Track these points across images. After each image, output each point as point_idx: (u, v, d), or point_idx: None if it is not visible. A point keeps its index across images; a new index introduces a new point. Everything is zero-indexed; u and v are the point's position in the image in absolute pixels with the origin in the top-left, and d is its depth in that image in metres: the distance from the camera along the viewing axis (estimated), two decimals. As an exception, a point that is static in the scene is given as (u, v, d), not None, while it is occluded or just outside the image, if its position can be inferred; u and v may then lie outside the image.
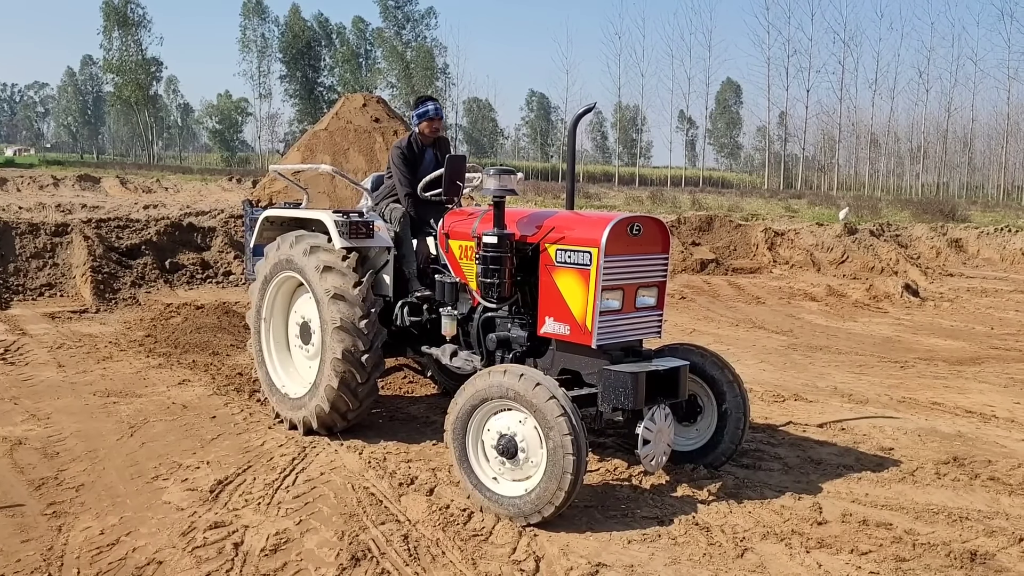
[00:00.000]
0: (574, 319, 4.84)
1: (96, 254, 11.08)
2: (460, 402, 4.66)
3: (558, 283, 4.93)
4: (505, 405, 4.51)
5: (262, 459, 5.51)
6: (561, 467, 4.23)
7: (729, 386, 5.23)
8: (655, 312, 5.14)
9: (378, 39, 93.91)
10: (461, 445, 4.67)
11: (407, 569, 4.05)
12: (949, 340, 10.48)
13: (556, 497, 4.28)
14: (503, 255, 5.08)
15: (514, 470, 4.54)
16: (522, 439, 4.46)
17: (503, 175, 5.02)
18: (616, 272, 4.82)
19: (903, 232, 20.45)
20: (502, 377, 4.47)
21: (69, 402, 6.59)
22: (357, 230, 5.71)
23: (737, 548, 4.33)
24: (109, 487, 4.99)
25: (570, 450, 4.20)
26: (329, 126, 12.20)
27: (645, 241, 4.98)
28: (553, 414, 4.24)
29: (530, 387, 4.34)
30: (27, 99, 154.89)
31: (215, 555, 4.16)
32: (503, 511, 4.50)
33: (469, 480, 4.65)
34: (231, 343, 8.69)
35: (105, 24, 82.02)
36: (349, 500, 4.85)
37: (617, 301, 4.87)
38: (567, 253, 4.88)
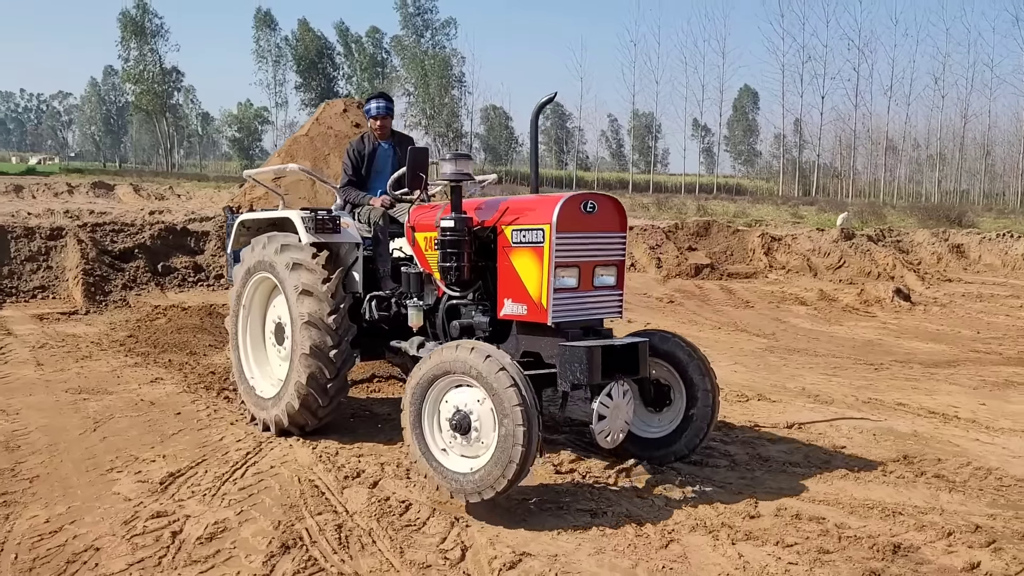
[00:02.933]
0: (530, 298, 4.84)
1: (89, 257, 11.30)
2: (424, 369, 4.64)
3: (515, 263, 4.93)
4: (467, 382, 4.49)
5: (217, 453, 5.65)
6: (509, 455, 4.22)
7: (704, 394, 5.21)
8: (615, 292, 5.12)
9: (397, 47, 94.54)
10: (416, 411, 4.65)
11: (334, 557, 4.16)
12: (931, 343, 10.48)
13: (498, 483, 4.28)
14: (461, 239, 5.09)
15: (464, 446, 4.53)
16: (477, 418, 4.44)
17: (459, 159, 5.08)
18: (570, 249, 4.82)
19: (904, 238, 20.37)
20: (468, 354, 4.43)
21: (41, 399, 6.77)
22: (323, 225, 5.81)
23: (663, 539, 4.40)
24: (63, 479, 5.13)
25: (520, 441, 4.18)
26: (310, 132, 12.20)
27: (600, 219, 4.98)
28: (511, 402, 4.21)
29: (493, 370, 4.29)
30: (51, 109, 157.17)
31: (152, 542, 4.28)
32: (444, 484, 4.51)
33: (418, 447, 4.63)
34: (209, 343, 8.86)
35: (123, 35, 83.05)
36: (293, 492, 4.96)
37: (573, 279, 4.86)
38: (522, 232, 4.89)
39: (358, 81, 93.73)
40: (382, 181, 6.48)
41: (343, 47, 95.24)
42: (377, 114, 6.60)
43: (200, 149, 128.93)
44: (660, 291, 14.27)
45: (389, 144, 6.72)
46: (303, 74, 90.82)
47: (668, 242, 17.68)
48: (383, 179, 6.48)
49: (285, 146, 12.88)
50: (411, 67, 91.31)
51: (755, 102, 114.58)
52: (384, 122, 6.62)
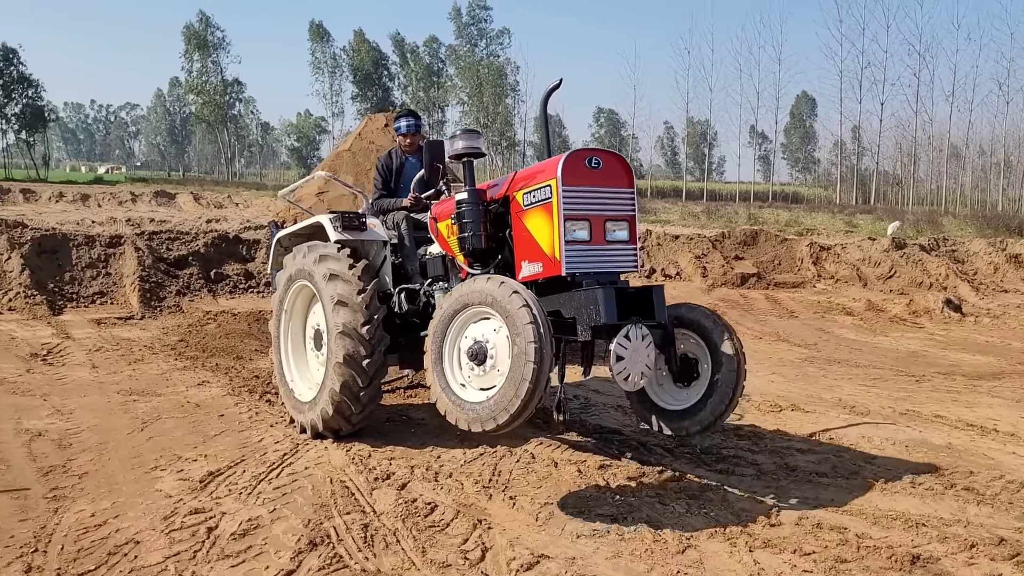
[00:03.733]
0: (544, 254, 4.93)
1: (145, 264, 11.74)
2: (444, 306, 4.72)
3: (528, 225, 5.04)
4: (484, 313, 4.56)
5: (256, 454, 5.87)
6: (521, 374, 4.21)
7: (728, 359, 5.20)
8: (628, 246, 5.14)
9: (451, 56, 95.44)
10: (438, 348, 4.71)
11: (358, 554, 4.32)
12: (978, 355, 10.29)
13: (511, 404, 4.26)
14: (475, 208, 5.25)
15: (481, 377, 4.57)
16: (493, 346, 4.50)
17: (468, 135, 5.24)
18: (577, 202, 4.89)
19: (960, 247, 19.92)
20: (484, 284, 4.51)
21: (93, 399, 7.09)
22: (349, 223, 6.10)
23: (680, 545, 4.47)
24: (109, 476, 5.40)
25: (532, 358, 4.18)
26: (353, 146, 12.42)
27: (607, 175, 5.05)
28: (523, 320, 4.24)
29: (506, 294, 4.36)
30: (119, 120, 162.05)
31: (188, 537, 4.49)
32: (463, 416, 4.51)
33: (438, 382, 4.68)
34: (255, 348, 9.15)
35: (186, 47, 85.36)
36: (324, 492, 5.15)
37: (584, 231, 4.92)
38: (531, 194, 5.00)
39: (413, 91, 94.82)
40: (407, 193, 6.68)
41: (399, 57, 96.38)
42: (408, 131, 6.94)
43: (260, 159, 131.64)
44: (704, 300, 14.22)
45: (416, 159, 6.96)
46: (359, 84, 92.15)
47: (714, 251, 17.60)
48: (408, 191, 6.67)
49: (329, 160, 13.01)
50: (466, 76, 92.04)
51: (812, 109, 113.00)
52: (414, 139, 6.94)
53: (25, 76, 74.44)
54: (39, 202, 34.43)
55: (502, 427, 4.36)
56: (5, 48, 73.18)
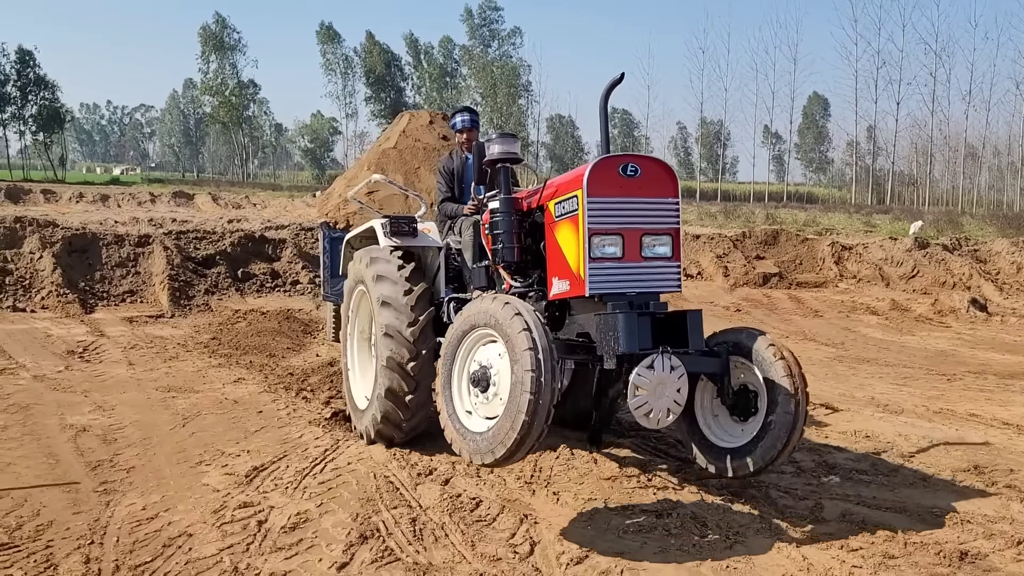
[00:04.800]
0: (571, 271, 4.56)
1: (174, 263, 11.85)
2: (454, 326, 4.44)
3: (558, 238, 4.69)
4: (490, 335, 4.23)
5: (298, 449, 5.93)
6: (517, 405, 3.86)
7: (785, 398, 4.58)
8: (670, 263, 4.68)
9: (465, 57, 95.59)
10: (447, 371, 4.44)
11: (409, 548, 4.37)
12: (1007, 355, 10.27)
13: (507, 438, 3.91)
14: (508, 217, 4.91)
15: (485, 405, 4.26)
16: (496, 372, 4.18)
17: (505, 139, 4.92)
18: (606, 214, 4.48)
19: (982, 247, 19.83)
20: (490, 304, 4.21)
21: (133, 396, 7.18)
22: (398, 228, 5.89)
23: (727, 541, 4.50)
24: (156, 470, 5.48)
25: (528, 387, 3.81)
26: (398, 144, 12.04)
27: (645, 183, 4.60)
28: (521, 346, 3.88)
29: (508, 315, 4.00)
30: (134, 121, 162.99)
31: (240, 530, 4.55)
32: (465, 446, 4.24)
33: (446, 408, 4.42)
34: (287, 346, 9.23)
35: (203, 49, 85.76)
36: (369, 487, 5.20)
37: (616, 247, 4.51)
38: (562, 204, 4.64)
39: (427, 92, 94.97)
40: (471, 194, 6.34)
41: (413, 58, 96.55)
42: (463, 127, 6.57)
43: (274, 160, 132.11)
44: (727, 300, 14.25)
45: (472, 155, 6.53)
46: (372, 86, 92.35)
47: (735, 251, 17.60)
48: (471, 191, 6.36)
49: (373, 158, 12.37)
50: (479, 77, 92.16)
51: (825, 109, 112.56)
52: (470, 135, 6.56)
53: (41, 77, 74.98)
54: (60, 202, 34.70)
55: (500, 462, 4.05)
56: (21, 50, 73.75)
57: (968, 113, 79.15)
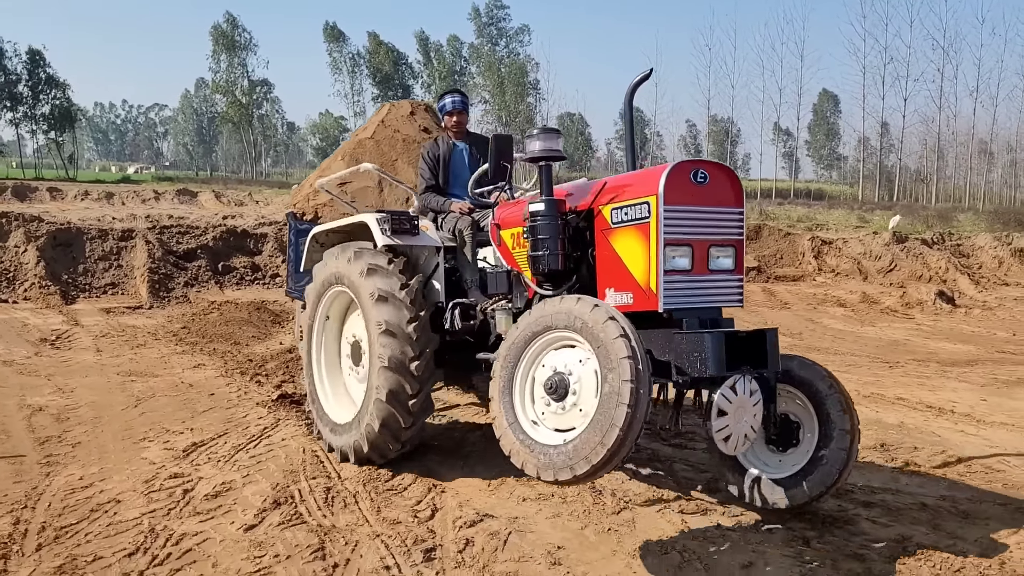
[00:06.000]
0: (637, 284, 4.26)
1: (155, 257, 12.24)
2: (521, 327, 4.05)
3: (616, 247, 4.38)
4: (569, 339, 3.90)
5: (239, 428, 6.27)
6: (610, 418, 3.48)
7: (841, 435, 4.44)
8: (733, 277, 4.45)
9: (473, 55, 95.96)
10: (509, 376, 4.05)
11: (318, 513, 4.70)
12: (959, 344, 10.50)
13: (594, 453, 3.52)
14: (552, 223, 4.54)
15: (558, 416, 3.89)
16: (577, 380, 3.81)
17: (547, 135, 4.54)
18: (680, 224, 4.21)
19: (965, 241, 20.03)
20: (573, 304, 3.82)
21: (94, 380, 7.55)
22: (400, 225, 5.33)
23: (617, 507, 4.82)
24: (101, 445, 5.83)
25: (626, 400, 3.46)
26: (375, 134, 11.38)
27: (713, 192, 4.33)
28: (618, 354, 3.53)
29: (600, 319, 3.66)
30: (148, 120, 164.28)
31: (165, 497, 4.89)
32: (532, 460, 3.80)
33: (505, 416, 4.00)
34: (253, 335, 9.59)
35: (214, 48, 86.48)
36: (295, 460, 5.54)
37: (686, 259, 4.25)
38: (623, 211, 4.33)
39: (437, 90, 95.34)
40: (460, 184, 6.14)
41: (423, 56, 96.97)
42: (453, 108, 6.15)
43: (286, 158, 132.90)
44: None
45: (465, 145, 6.28)
46: (379, 85, 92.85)
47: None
48: (461, 182, 6.12)
49: (348, 149, 11.73)
50: (487, 75, 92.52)
51: (836, 105, 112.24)
52: (460, 118, 6.17)
53: (52, 77, 75.92)
54: (65, 200, 35.34)
55: (580, 479, 3.63)
56: (32, 51, 74.67)
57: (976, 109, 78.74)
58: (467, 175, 6.00)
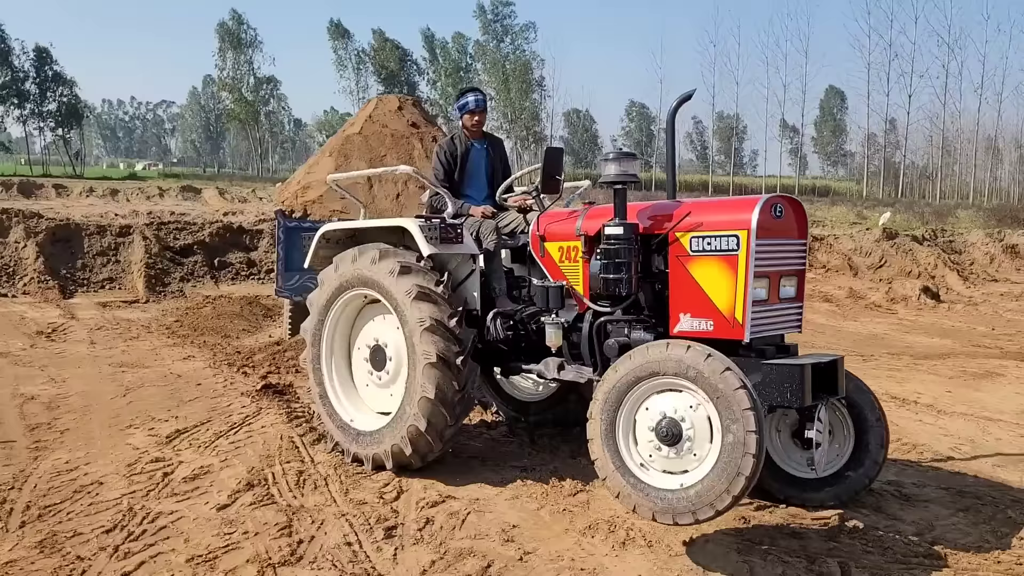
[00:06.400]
0: (719, 313, 4.36)
1: (152, 252, 12.53)
2: (621, 371, 4.12)
3: (695, 275, 4.46)
4: (675, 385, 3.99)
5: (222, 416, 6.53)
6: (737, 467, 3.68)
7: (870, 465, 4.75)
8: (796, 304, 4.67)
9: (479, 52, 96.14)
10: (610, 420, 4.12)
11: (288, 494, 4.95)
12: (936, 338, 10.71)
13: (720, 500, 3.72)
14: (629, 247, 4.59)
15: (669, 460, 4.00)
16: (690, 426, 3.92)
17: (624, 159, 4.59)
18: (765, 257, 4.38)
19: (958, 238, 20.19)
20: (683, 353, 3.92)
21: (86, 370, 7.82)
22: (447, 234, 5.23)
23: (575, 490, 5.06)
24: (88, 432, 6.09)
25: (752, 450, 3.66)
26: (363, 130, 11.43)
27: (787, 225, 4.55)
28: (741, 405, 3.71)
29: (718, 370, 3.80)
30: (156, 117, 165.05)
31: (145, 480, 5.15)
32: (647, 503, 3.94)
33: (611, 461, 4.09)
34: (244, 328, 9.87)
35: (220, 45, 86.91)
36: (273, 446, 5.79)
37: (764, 290, 4.41)
38: (706, 240, 4.42)
39: (442, 87, 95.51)
40: (476, 185, 6.08)
41: (428, 52, 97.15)
42: (476, 108, 6.02)
43: (293, 154, 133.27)
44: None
45: (482, 144, 6.15)
46: (384, 82, 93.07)
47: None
48: (476, 183, 6.09)
49: (337, 144, 11.64)
50: (492, 72, 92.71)
51: (842, 102, 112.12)
52: (481, 117, 6.06)
53: (59, 74, 76.47)
54: (71, 197, 35.74)
55: (702, 522, 3.86)
56: (39, 48, 75.26)
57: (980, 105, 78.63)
58: (483, 175, 6.09)
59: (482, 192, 6.06)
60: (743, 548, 4.28)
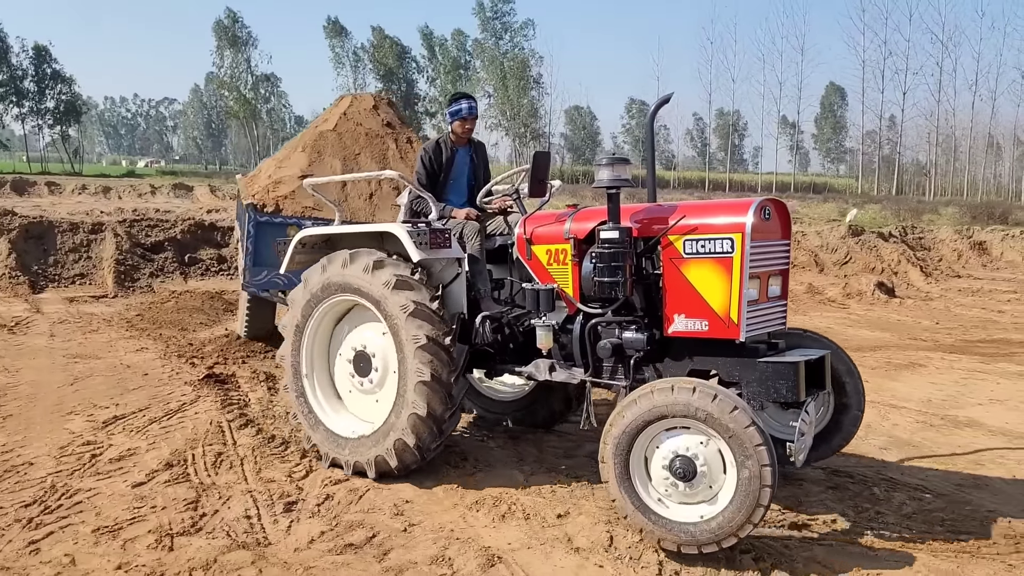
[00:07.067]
0: (714, 313, 4.48)
1: (122, 249, 12.88)
2: (629, 416, 4.21)
3: (689, 277, 4.56)
4: (683, 424, 4.14)
5: (161, 403, 6.87)
6: (755, 499, 3.90)
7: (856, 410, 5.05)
8: (780, 302, 4.82)
9: (477, 50, 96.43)
10: (623, 462, 4.25)
11: (203, 473, 5.31)
12: (877, 332, 11.03)
13: (742, 530, 3.97)
14: (624, 251, 4.67)
15: (686, 493, 4.16)
16: (703, 462, 4.08)
17: (616, 164, 4.64)
18: (757, 258, 4.49)
19: (927, 235, 20.50)
20: (691, 396, 4.04)
21: (40, 361, 8.17)
22: (436, 240, 5.23)
23: (472, 470, 5.42)
24: (29, 418, 6.43)
25: (768, 482, 3.87)
26: (338, 127, 11.25)
27: (774, 226, 4.69)
28: (753, 442, 3.89)
29: (726, 410, 3.95)
30: (158, 114, 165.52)
31: (74, 461, 5.49)
32: (671, 536, 4.13)
33: (630, 501, 4.23)
34: (201, 321, 10.22)
35: (217, 44, 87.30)
36: (201, 431, 6.14)
37: (755, 290, 4.52)
38: (699, 243, 4.52)
39: (442, 84, 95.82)
40: (457, 190, 6.17)
41: (427, 50, 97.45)
42: (469, 115, 6.07)
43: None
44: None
45: (467, 150, 6.22)
46: (383, 79, 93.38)
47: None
48: (458, 187, 6.18)
49: (310, 140, 11.24)
50: (490, 69, 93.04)
51: (843, 99, 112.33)
52: (472, 125, 6.14)
53: (58, 72, 76.90)
54: (63, 194, 36.09)
55: (723, 548, 4.07)
56: (37, 47, 75.66)
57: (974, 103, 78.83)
58: (465, 181, 6.19)
59: (462, 197, 6.15)
60: (612, 520, 4.62)
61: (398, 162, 10.65)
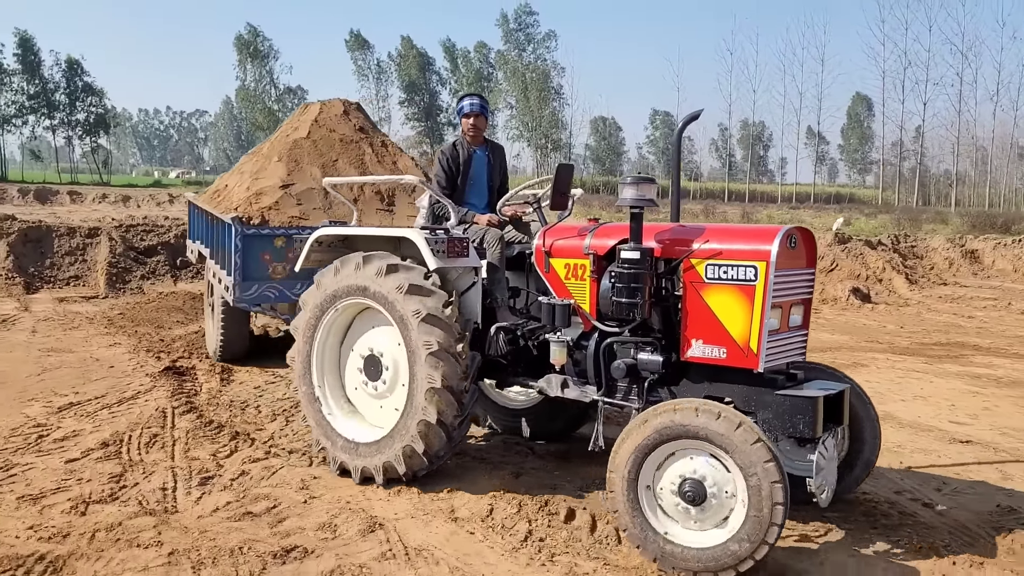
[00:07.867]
0: (733, 341, 4.37)
1: (116, 252, 13.43)
2: (636, 441, 4.13)
3: (709, 302, 4.46)
4: (692, 446, 4.05)
5: (118, 392, 7.31)
6: (769, 519, 3.80)
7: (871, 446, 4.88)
8: (801, 332, 4.70)
9: (500, 61, 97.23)
10: (632, 489, 4.15)
11: (136, 453, 5.71)
12: (836, 335, 11.26)
13: (759, 551, 3.84)
14: (644, 272, 4.58)
15: (697, 518, 4.07)
16: (712, 484, 4.00)
17: (641, 183, 4.56)
18: (780, 288, 4.38)
19: (920, 243, 20.59)
20: (693, 417, 3.97)
21: (17, 355, 8.66)
22: (454, 248, 5.16)
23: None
24: (-8, 403, 6.92)
25: (780, 499, 3.78)
26: (311, 134, 11.21)
27: (799, 255, 4.58)
28: (761, 459, 3.80)
29: (731, 428, 3.88)
30: (190, 125, 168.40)
31: (21, 441, 5.92)
32: (685, 564, 4.01)
33: (639, 531, 4.14)
34: (178, 320, 10.71)
35: (239, 57, 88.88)
36: (145, 415, 6.56)
37: (777, 320, 4.41)
38: (722, 268, 4.41)
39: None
40: (477, 192, 6.10)
41: (450, 62, 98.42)
42: (471, 111, 5.99)
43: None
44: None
45: (484, 151, 6.14)
46: (407, 91, 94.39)
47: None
48: (477, 190, 6.10)
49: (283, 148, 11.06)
50: (512, 81, 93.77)
51: (870, 109, 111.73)
52: (478, 121, 6.02)
53: (89, 85, 78.77)
54: (83, 203, 37.12)
55: (741, 572, 3.93)
56: (70, 60, 77.57)
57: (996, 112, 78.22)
58: (484, 182, 6.11)
59: (483, 199, 6.09)
60: (498, 495, 4.96)
61: (376, 165, 10.80)
